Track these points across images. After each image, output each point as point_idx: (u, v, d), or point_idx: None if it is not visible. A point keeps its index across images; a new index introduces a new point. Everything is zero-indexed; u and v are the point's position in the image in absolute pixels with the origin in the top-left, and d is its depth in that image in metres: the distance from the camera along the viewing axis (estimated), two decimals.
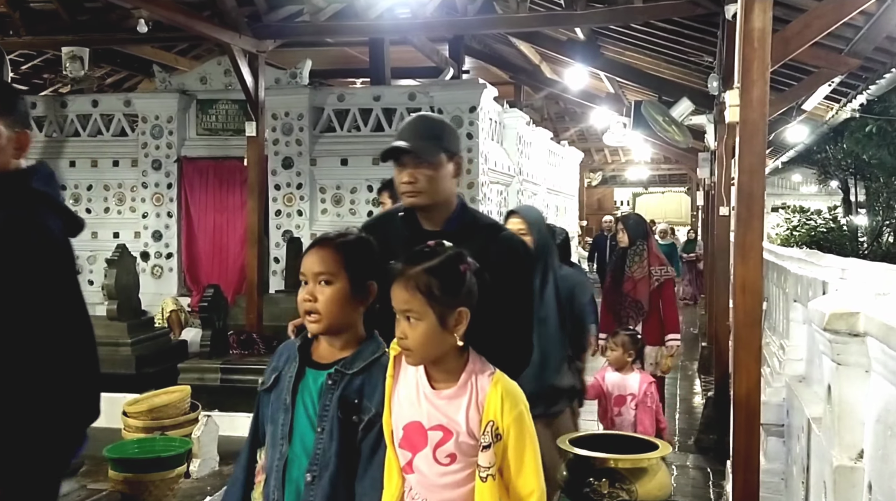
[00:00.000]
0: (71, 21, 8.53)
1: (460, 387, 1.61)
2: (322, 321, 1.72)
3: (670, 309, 5.01)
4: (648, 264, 4.95)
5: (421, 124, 2.18)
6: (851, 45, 5.70)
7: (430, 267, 1.59)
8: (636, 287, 4.94)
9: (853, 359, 2.12)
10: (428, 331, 1.57)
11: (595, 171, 22.88)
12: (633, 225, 5.14)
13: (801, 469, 2.96)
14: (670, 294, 5.07)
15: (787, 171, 19.40)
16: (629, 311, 4.95)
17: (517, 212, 3.27)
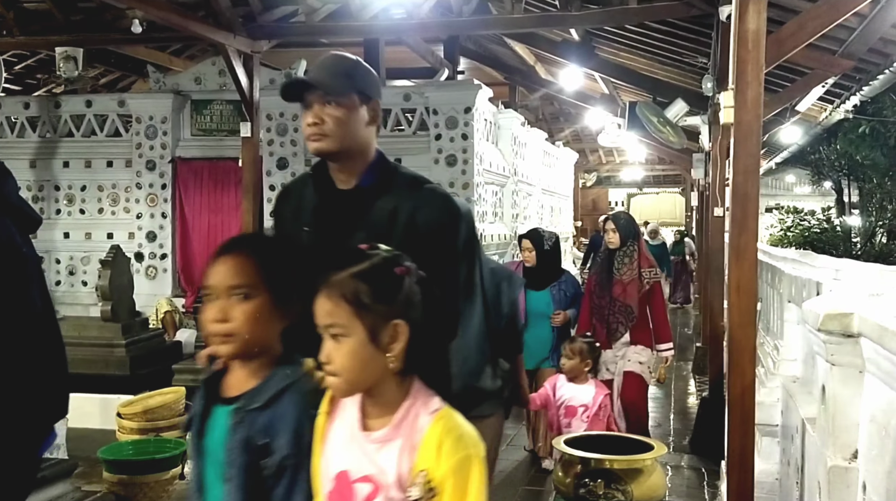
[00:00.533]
0: (65, 21, 8.50)
1: (394, 427, 1.30)
2: (235, 342, 1.44)
3: (660, 315, 4.73)
4: (639, 266, 4.66)
5: (332, 61, 1.93)
6: (845, 47, 5.72)
7: (359, 271, 1.31)
8: (626, 291, 4.62)
9: (847, 360, 2.13)
10: (356, 350, 1.28)
11: (590, 171, 22.92)
12: (625, 224, 4.81)
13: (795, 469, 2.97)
14: (659, 298, 4.80)
15: (781, 172, 19.47)
16: (619, 316, 4.64)
17: None
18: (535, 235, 5.06)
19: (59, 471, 3.12)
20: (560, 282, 5.01)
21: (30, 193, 8.83)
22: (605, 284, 4.72)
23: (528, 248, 4.97)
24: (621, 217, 4.93)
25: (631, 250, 4.69)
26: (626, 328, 4.60)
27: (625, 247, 4.69)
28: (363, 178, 1.87)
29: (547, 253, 4.99)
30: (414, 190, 1.87)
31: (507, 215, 9.85)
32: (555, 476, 2.74)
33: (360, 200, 1.83)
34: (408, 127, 8.28)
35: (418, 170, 8.11)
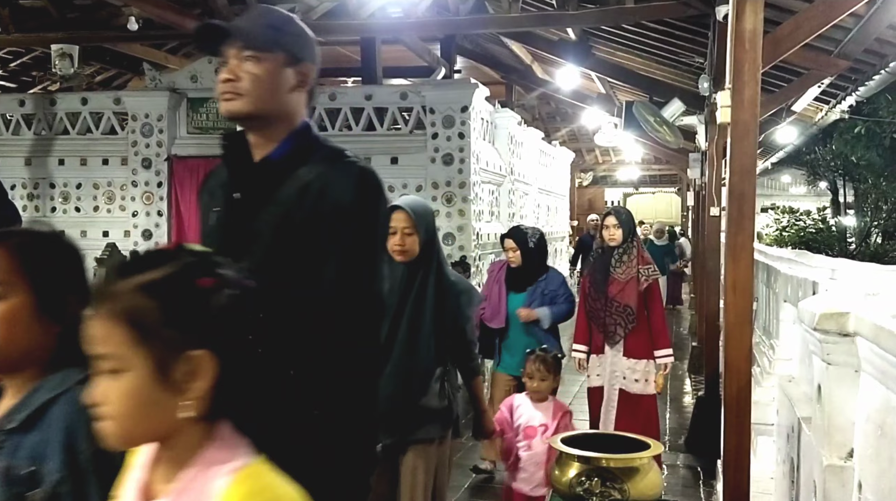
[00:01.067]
0: (60, 18, 8.48)
1: (177, 494, 0.97)
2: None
3: (658, 318, 4.42)
4: (637, 264, 4.39)
5: (259, 11, 1.68)
6: (841, 48, 5.74)
7: (146, 282, 0.97)
8: (623, 290, 4.34)
9: (843, 359, 2.14)
10: (136, 389, 0.95)
11: (586, 171, 22.93)
12: (626, 220, 4.51)
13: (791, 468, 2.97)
14: (657, 299, 4.51)
15: (777, 172, 19.51)
16: (616, 318, 4.35)
17: (400, 206, 2.81)
18: (518, 233, 4.64)
19: None
20: (540, 281, 4.56)
21: (25, 190, 8.80)
22: (600, 284, 4.43)
23: (512, 247, 4.58)
24: (622, 212, 4.60)
25: (630, 247, 4.44)
26: (626, 329, 4.34)
27: (625, 244, 4.43)
28: (276, 148, 1.61)
29: (532, 251, 4.59)
30: (332, 163, 1.61)
31: (503, 214, 9.85)
32: (552, 475, 2.74)
33: (270, 173, 1.59)
34: (404, 126, 8.27)
35: (415, 169, 8.01)
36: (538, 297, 4.50)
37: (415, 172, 8.00)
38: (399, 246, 2.77)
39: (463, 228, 7.87)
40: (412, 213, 2.80)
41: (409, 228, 2.77)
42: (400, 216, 2.77)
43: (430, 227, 2.85)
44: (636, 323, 4.33)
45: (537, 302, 4.48)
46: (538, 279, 4.53)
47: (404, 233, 2.76)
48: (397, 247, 2.76)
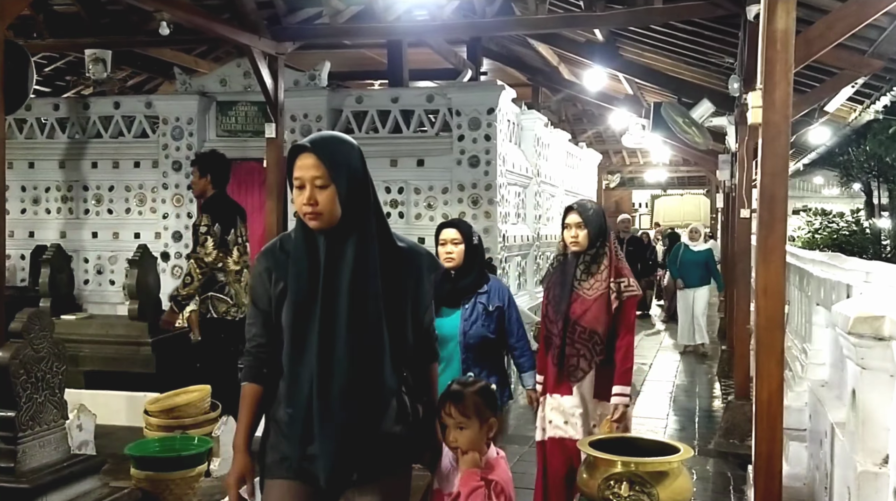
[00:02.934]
0: (93, 24, 8.63)
1: None
2: None
3: (625, 344, 3.38)
4: (609, 276, 3.39)
5: None
6: (875, 47, 5.63)
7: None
8: (590, 311, 3.36)
9: (878, 363, 2.10)
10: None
11: (613, 173, 22.78)
12: (594, 217, 3.45)
13: (824, 474, 2.93)
14: (630, 322, 3.42)
15: (809, 173, 19.23)
16: (579, 347, 3.36)
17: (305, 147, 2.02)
18: (463, 223, 3.59)
19: (88, 467, 3.17)
20: (480, 295, 3.46)
21: (59, 193, 8.98)
22: (559, 301, 3.43)
23: (455, 239, 3.44)
24: (589, 207, 3.50)
25: (600, 253, 3.43)
26: (591, 364, 3.36)
27: (593, 249, 3.43)
28: None
29: (476, 249, 3.52)
30: None
31: (529, 216, 9.83)
32: (579, 478, 2.72)
33: None
34: (430, 128, 8.29)
35: (441, 171, 8.05)
36: (480, 319, 3.42)
37: (441, 174, 8.01)
38: (310, 206, 1.96)
39: (489, 230, 7.86)
40: (322, 156, 1.95)
41: (320, 177, 1.94)
42: (307, 163, 1.95)
43: (358, 174, 2.01)
44: (604, 355, 3.37)
45: (479, 325, 3.41)
46: (477, 291, 3.45)
47: (315, 186, 1.94)
48: (308, 208, 1.96)
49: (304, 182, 1.96)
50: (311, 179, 1.95)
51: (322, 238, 2.00)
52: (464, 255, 3.43)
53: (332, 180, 1.95)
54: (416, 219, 8.16)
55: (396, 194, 8.21)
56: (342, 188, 1.97)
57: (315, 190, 1.95)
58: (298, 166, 1.97)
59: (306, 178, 1.95)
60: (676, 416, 6.68)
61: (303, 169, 1.96)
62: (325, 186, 1.95)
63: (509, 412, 6.57)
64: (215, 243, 4.66)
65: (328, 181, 1.95)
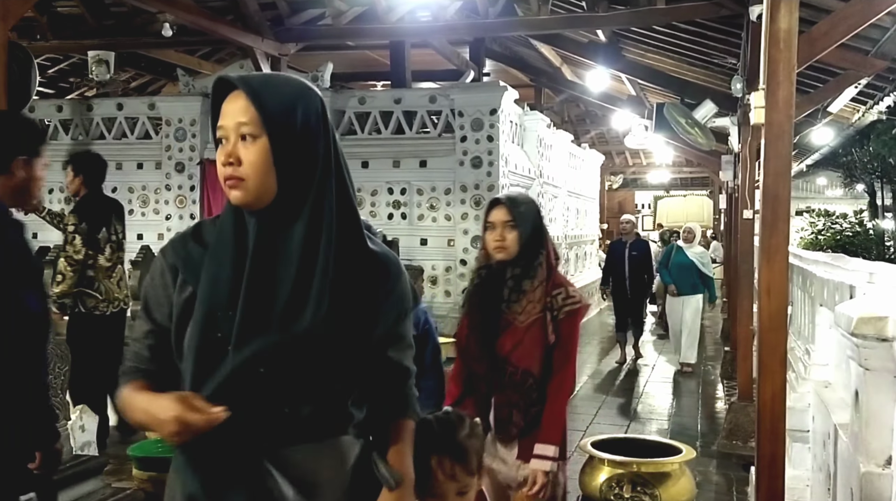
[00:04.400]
0: (97, 25, 8.66)
1: None
2: None
3: (559, 378, 2.49)
4: (546, 294, 2.49)
5: None
6: (878, 47, 5.62)
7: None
8: (521, 345, 2.46)
9: (881, 364, 2.10)
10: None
11: (616, 174, 22.76)
12: (528, 214, 2.55)
13: (827, 475, 2.92)
14: (570, 346, 2.52)
15: (812, 174, 19.19)
16: (511, 395, 2.47)
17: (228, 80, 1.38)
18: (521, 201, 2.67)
19: (91, 468, 3.18)
20: None
21: (62, 194, 9.00)
22: (483, 332, 2.52)
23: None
24: (521, 201, 2.59)
25: (534, 263, 2.50)
26: (525, 415, 2.46)
27: (524, 258, 2.51)
28: None
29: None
30: None
31: None
32: (581, 479, 2.72)
33: None
34: (433, 129, 8.29)
35: (443, 172, 8.02)
36: None
37: (443, 175, 8.02)
38: (230, 166, 1.35)
39: None
40: (254, 95, 1.32)
41: (248, 124, 1.32)
42: (233, 106, 1.34)
43: (311, 130, 1.36)
44: (541, 404, 2.46)
45: None
46: None
47: (240, 137, 1.33)
48: (228, 169, 1.35)
49: (227, 133, 1.34)
50: (235, 127, 1.33)
51: (253, 222, 1.37)
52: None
53: (264, 131, 1.31)
54: (419, 220, 8.17)
55: (399, 195, 8.21)
56: (281, 144, 1.32)
57: (239, 143, 1.33)
58: (222, 112, 1.36)
59: (229, 126, 1.34)
60: (679, 417, 6.67)
61: (226, 115, 1.35)
62: (254, 137, 1.32)
63: None
64: (83, 241, 4.70)
65: (259, 131, 1.31)
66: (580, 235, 13.04)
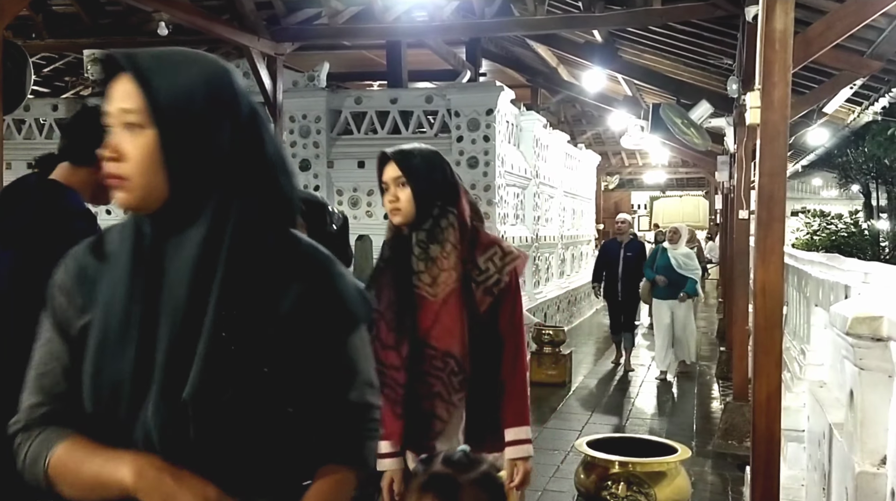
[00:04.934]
0: (92, 24, 8.63)
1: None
2: None
3: (513, 352, 2.14)
4: (459, 259, 2.10)
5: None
6: (874, 48, 5.63)
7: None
8: (439, 323, 2.08)
9: (876, 364, 2.10)
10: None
11: (612, 174, 22.79)
12: (425, 167, 2.14)
13: (822, 475, 2.92)
14: (517, 314, 2.18)
15: (808, 174, 19.25)
16: (433, 383, 2.08)
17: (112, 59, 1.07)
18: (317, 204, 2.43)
19: None
20: None
21: None
22: (399, 312, 2.11)
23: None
24: (416, 153, 2.18)
25: (441, 225, 2.10)
26: (450, 407, 2.08)
27: (428, 220, 2.10)
28: None
29: (333, 238, 2.35)
30: None
31: (528, 217, 9.83)
32: (577, 479, 2.72)
33: None
34: (429, 129, 8.29)
35: None
36: None
37: None
38: (112, 161, 1.12)
39: (488, 231, 7.85)
40: (140, 75, 1.10)
41: (133, 112, 1.11)
42: (118, 90, 1.13)
43: (210, 110, 1.13)
44: (466, 390, 2.09)
45: None
46: None
47: (123, 126, 1.12)
48: (111, 166, 1.12)
49: (111, 121, 1.14)
50: (118, 114, 1.12)
51: (147, 227, 1.14)
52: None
53: (151, 118, 1.09)
54: None
55: None
56: (174, 137, 1.09)
57: (121, 132, 1.12)
58: (108, 96, 1.16)
59: (112, 113, 1.13)
60: (675, 417, 6.68)
61: (111, 99, 1.14)
62: (140, 128, 1.10)
63: None
64: None
65: (144, 119, 1.10)
66: (576, 235, 13.06)
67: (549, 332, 7.82)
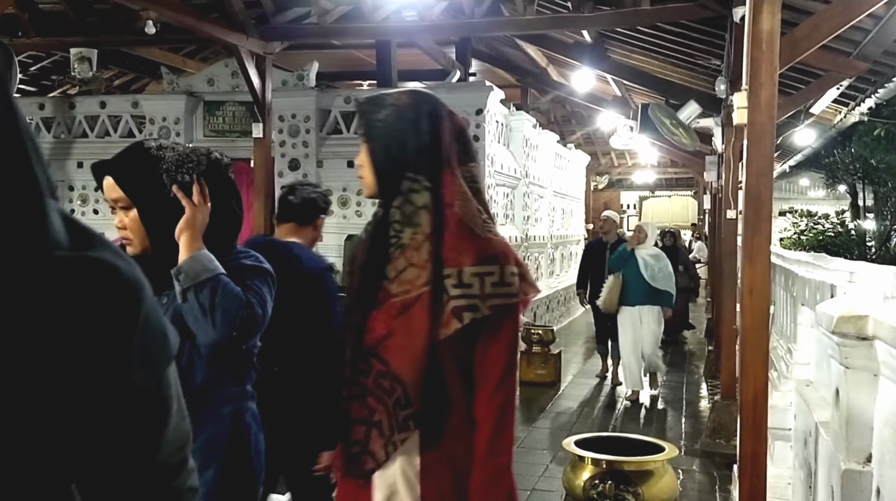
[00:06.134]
0: (79, 22, 8.57)
1: None
2: None
3: (490, 409, 1.53)
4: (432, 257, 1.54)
5: None
6: (860, 49, 5.67)
7: None
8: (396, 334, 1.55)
9: (861, 363, 2.11)
10: None
11: (602, 174, 22.85)
12: (385, 123, 1.61)
13: (808, 473, 2.94)
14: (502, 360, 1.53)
15: (795, 175, 19.36)
16: (375, 405, 1.56)
17: None
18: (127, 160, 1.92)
19: None
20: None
21: None
22: (351, 304, 1.66)
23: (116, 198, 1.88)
24: (386, 103, 1.64)
25: (415, 201, 1.58)
26: (388, 445, 1.55)
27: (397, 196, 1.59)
28: None
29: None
30: None
31: (518, 217, 9.84)
32: (564, 478, 2.73)
33: None
34: None
35: None
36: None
37: None
38: None
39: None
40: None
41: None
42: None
43: None
44: (414, 429, 1.56)
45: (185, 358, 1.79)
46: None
47: None
48: None
49: None
50: None
51: None
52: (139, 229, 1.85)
53: None
54: None
55: None
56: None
57: None
58: None
59: None
60: (663, 416, 6.71)
61: None
62: None
63: None
64: None
65: None
66: (566, 235, 13.09)
67: (538, 331, 7.84)
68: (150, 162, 1.82)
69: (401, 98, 1.64)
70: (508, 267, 1.55)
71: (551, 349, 7.80)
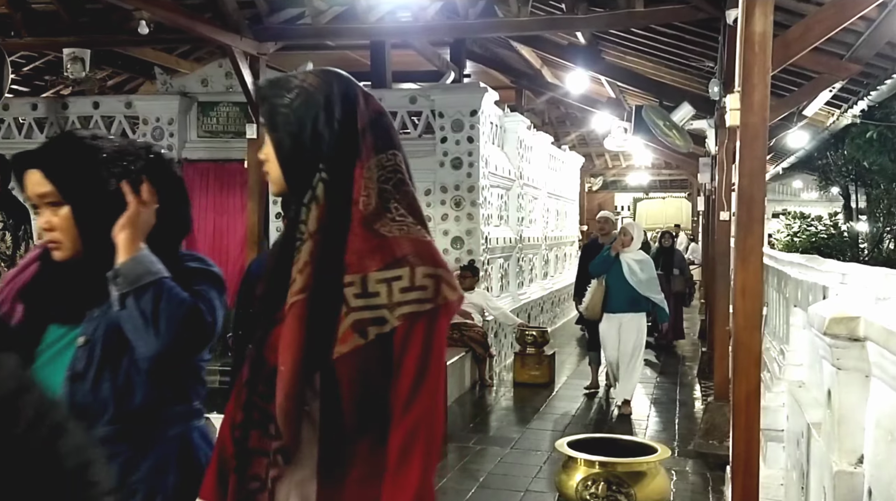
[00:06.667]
0: (72, 22, 8.54)
1: None
2: None
3: (407, 424, 1.28)
4: (315, 253, 1.31)
5: None
6: (852, 51, 5.70)
7: None
8: (279, 337, 1.33)
9: (853, 364, 2.12)
10: None
11: (596, 176, 22.88)
12: (290, 108, 1.38)
13: (800, 474, 2.95)
14: (429, 372, 1.29)
15: (788, 177, 19.44)
16: (261, 421, 1.34)
17: None
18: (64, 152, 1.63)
19: None
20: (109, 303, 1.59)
21: None
22: (263, 301, 1.41)
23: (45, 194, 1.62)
24: (291, 86, 1.39)
25: (311, 194, 1.36)
26: (269, 463, 1.31)
27: (306, 191, 1.36)
28: None
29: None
30: None
31: (512, 218, 9.84)
32: (557, 479, 2.72)
33: None
34: (413, 130, 8.28)
35: (424, 172, 7.97)
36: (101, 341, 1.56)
37: (424, 176, 8.01)
38: None
39: (472, 232, 7.86)
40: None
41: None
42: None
43: None
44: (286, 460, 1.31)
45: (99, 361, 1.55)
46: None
47: None
48: None
49: None
50: None
51: None
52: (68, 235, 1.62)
53: None
54: None
55: None
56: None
57: None
58: None
59: None
60: (657, 417, 6.71)
61: None
62: None
63: (490, 413, 6.56)
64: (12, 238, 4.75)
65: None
66: (560, 236, 13.10)
67: (532, 333, 7.84)
68: (85, 152, 1.59)
69: (308, 79, 1.40)
70: (420, 269, 1.29)
71: (545, 351, 7.80)
